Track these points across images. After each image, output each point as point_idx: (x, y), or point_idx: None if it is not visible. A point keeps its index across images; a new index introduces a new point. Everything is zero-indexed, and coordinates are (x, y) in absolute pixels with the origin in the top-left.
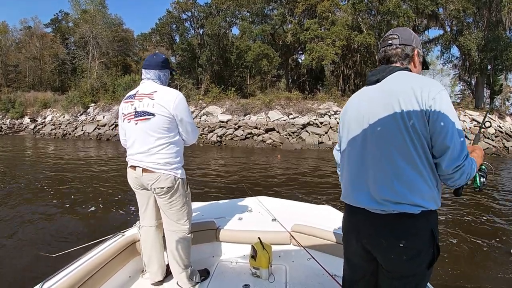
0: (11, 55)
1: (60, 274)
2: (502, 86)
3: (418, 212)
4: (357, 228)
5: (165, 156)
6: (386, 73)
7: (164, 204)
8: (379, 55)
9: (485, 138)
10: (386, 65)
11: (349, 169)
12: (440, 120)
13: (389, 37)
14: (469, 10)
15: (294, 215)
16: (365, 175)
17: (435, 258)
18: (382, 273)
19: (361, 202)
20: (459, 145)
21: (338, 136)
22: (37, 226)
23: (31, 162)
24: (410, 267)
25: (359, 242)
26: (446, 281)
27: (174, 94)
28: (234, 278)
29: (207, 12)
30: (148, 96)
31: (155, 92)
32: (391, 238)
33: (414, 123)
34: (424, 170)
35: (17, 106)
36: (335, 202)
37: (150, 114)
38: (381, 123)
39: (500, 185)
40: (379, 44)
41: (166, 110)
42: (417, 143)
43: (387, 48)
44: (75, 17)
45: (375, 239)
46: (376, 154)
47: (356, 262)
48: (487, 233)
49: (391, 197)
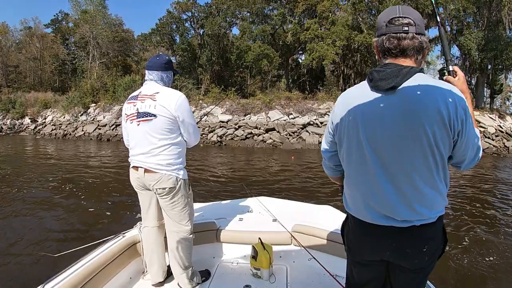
0: (12, 55)
1: (61, 276)
2: (502, 86)
3: (435, 220)
4: (374, 244)
5: (167, 157)
6: (403, 78)
7: (166, 204)
8: (387, 42)
9: (485, 137)
10: (398, 64)
11: (362, 186)
12: (466, 142)
13: (403, 22)
14: (469, 9)
15: (294, 215)
16: (383, 195)
17: (445, 248)
18: (397, 270)
19: (378, 221)
20: (478, 152)
21: (329, 137)
22: (38, 226)
23: (31, 162)
24: (429, 262)
25: (377, 255)
26: (445, 278)
27: (176, 96)
28: (235, 278)
29: (207, 12)
30: (150, 97)
31: (157, 93)
32: (415, 246)
33: (441, 149)
34: (443, 187)
35: (18, 106)
36: (336, 202)
37: (152, 115)
38: (403, 146)
39: (501, 185)
40: (384, 25)
41: (168, 111)
42: (440, 165)
43: (401, 35)
44: (75, 17)
45: (398, 251)
46: (396, 177)
47: (369, 270)
48: (487, 231)
49: (412, 217)
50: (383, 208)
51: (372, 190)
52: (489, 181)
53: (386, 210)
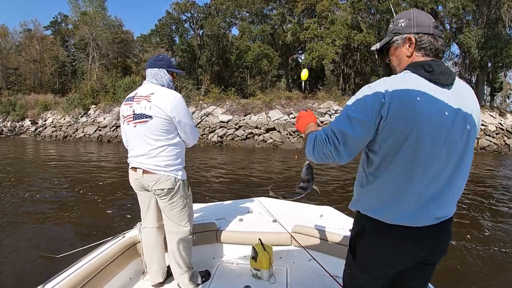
0: (11, 58)
1: (60, 276)
2: (502, 84)
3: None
4: (412, 248)
5: (165, 158)
6: (454, 76)
7: (165, 205)
8: (439, 43)
9: (486, 135)
10: (445, 64)
11: (417, 186)
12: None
13: (437, 25)
14: (468, 7)
15: (294, 216)
16: (442, 193)
17: None
18: (419, 269)
19: (429, 221)
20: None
21: (363, 121)
22: (38, 227)
23: (32, 164)
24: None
25: (412, 259)
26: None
27: (171, 96)
28: (235, 279)
29: (207, 13)
30: (146, 98)
31: (152, 94)
32: (448, 238)
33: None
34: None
35: (18, 108)
36: (336, 203)
37: (148, 117)
38: (459, 142)
39: (502, 182)
40: (432, 27)
41: (163, 112)
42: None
43: (440, 39)
44: (75, 19)
45: (435, 247)
46: (452, 174)
47: (388, 275)
48: (486, 231)
49: (452, 212)
50: (440, 209)
51: (432, 190)
52: (490, 178)
53: (441, 210)
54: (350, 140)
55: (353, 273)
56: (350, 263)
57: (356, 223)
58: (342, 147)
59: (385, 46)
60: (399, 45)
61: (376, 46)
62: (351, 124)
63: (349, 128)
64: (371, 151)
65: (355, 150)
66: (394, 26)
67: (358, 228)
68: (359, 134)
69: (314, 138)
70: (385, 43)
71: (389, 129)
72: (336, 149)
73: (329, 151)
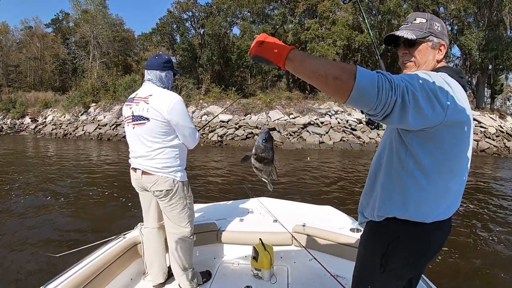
0: (12, 55)
1: (62, 277)
2: (503, 86)
3: None
4: (441, 240)
5: (163, 160)
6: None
7: (164, 206)
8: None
9: (486, 137)
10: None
11: (459, 179)
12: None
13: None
14: (470, 9)
15: (295, 216)
16: (463, 186)
17: None
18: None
19: (450, 213)
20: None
21: (437, 99)
22: (39, 227)
23: (32, 162)
24: None
25: (438, 252)
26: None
27: (169, 98)
28: (236, 279)
29: (208, 12)
30: (144, 100)
31: (150, 95)
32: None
33: None
34: None
35: (18, 106)
36: (336, 202)
37: (145, 119)
38: (472, 141)
39: (501, 185)
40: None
41: (160, 115)
42: None
43: None
44: (76, 17)
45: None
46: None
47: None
48: (486, 231)
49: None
50: (460, 200)
51: (463, 185)
52: (489, 180)
53: (459, 201)
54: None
55: (379, 285)
56: (376, 277)
57: (384, 233)
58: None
59: (414, 41)
60: (434, 46)
61: (412, 36)
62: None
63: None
64: (423, 146)
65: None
66: (429, 26)
67: (391, 239)
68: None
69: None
70: (422, 37)
71: (457, 116)
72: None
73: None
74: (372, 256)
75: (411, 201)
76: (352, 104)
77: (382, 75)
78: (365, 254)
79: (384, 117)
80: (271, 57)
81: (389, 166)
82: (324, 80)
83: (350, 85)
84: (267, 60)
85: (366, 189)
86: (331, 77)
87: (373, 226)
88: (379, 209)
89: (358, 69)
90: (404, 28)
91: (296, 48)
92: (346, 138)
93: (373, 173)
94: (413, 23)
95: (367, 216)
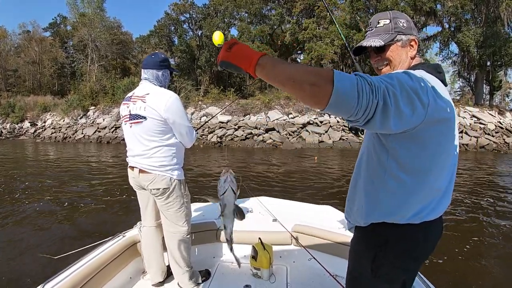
0: (10, 59)
1: (60, 276)
2: (501, 82)
3: None
4: (435, 240)
5: (160, 159)
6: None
7: (161, 205)
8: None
9: (485, 134)
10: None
11: (446, 177)
12: None
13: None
14: (467, 6)
15: (294, 215)
16: (450, 183)
17: None
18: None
19: (439, 213)
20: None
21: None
22: (38, 227)
23: (31, 165)
24: None
25: (430, 253)
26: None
27: (166, 97)
28: (235, 278)
29: (205, 14)
30: (141, 98)
31: (147, 94)
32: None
33: None
34: None
35: (17, 110)
36: (336, 202)
37: (142, 118)
38: (457, 136)
39: (501, 181)
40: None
41: (157, 113)
42: None
43: None
44: (74, 20)
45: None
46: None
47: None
48: (486, 231)
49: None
50: (449, 198)
51: (450, 181)
52: (490, 177)
53: (449, 200)
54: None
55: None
56: (367, 282)
57: (372, 238)
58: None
59: (383, 46)
60: (404, 44)
61: (380, 43)
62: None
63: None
64: (407, 147)
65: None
66: (394, 25)
67: (380, 243)
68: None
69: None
70: (390, 40)
71: (440, 113)
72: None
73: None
74: (362, 261)
75: (397, 204)
76: (331, 110)
77: (361, 77)
78: (355, 259)
79: (365, 122)
80: (241, 63)
81: (371, 172)
82: (299, 87)
83: (328, 91)
84: (235, 66)
85: (349, 195)
86: (307, 83)
87: (361, 231)
88: (365, 215)
89: (336, 73)
90: (370, 35)
91: (268, 55)
92: (345, 137)
93: (354, 179)
94: (378, 27)
95: (353, 222)
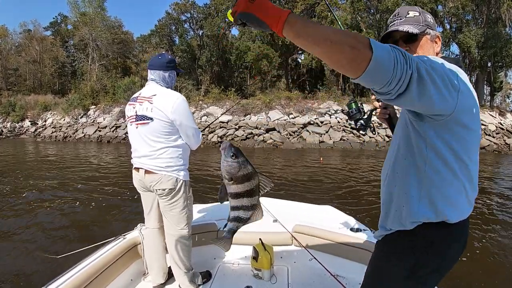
0: (11, 58)
1: (62, 278)
2: (502, 83)
3: None
4: (464, 241)
5: (166, 160)
6: None
7: (165, 205)
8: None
9: (486, 135)
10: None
11: (476, 168)
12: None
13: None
14: (468, 7)
15: (295, 215)
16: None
17: None
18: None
19: (468, 212)
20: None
21: (450, 85)
22: (39, 228)
23: (33, 165)
24: None
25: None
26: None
27: (173, 98)
28: (236, 279)
29: (206, 13)
30: (148, 99)
31: (154, 95)
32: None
33: None
34: None
35: (18, 109)
36: (336, 202)
37: (149, 119)
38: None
39: (502, 182)
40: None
41: (164, 115)
42: None
43: None
44: (74, 20)
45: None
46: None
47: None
48: (486, 230)
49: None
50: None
51: (476, 179)
52: (490, 178)
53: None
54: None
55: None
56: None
57: (416, 241)
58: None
59: (416, 36)
60: (432, 38)
61: (416, 30)
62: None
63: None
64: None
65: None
66: (424, 18)
67: (424, 245)
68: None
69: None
70: (423, 31)
71: (468, 103)
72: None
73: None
74: (397, 267)
75: (442, 199)
76: (366, 78)
77: (395, 48)
78: (386, 267)
79: (397, 95)
80: (266, 17)
81: (410, 166)
82: (338, 49)
83: (367, 56)
84: (259, 20)
85: (384, 198)
86: (347, 45)
87: (400, 236)
88: (411, 215)
89: (372, 40)
90: (399, 24)
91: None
92: (346, 137)
93: (389, 179)
94: (408, 17)
95: (392, 227)
